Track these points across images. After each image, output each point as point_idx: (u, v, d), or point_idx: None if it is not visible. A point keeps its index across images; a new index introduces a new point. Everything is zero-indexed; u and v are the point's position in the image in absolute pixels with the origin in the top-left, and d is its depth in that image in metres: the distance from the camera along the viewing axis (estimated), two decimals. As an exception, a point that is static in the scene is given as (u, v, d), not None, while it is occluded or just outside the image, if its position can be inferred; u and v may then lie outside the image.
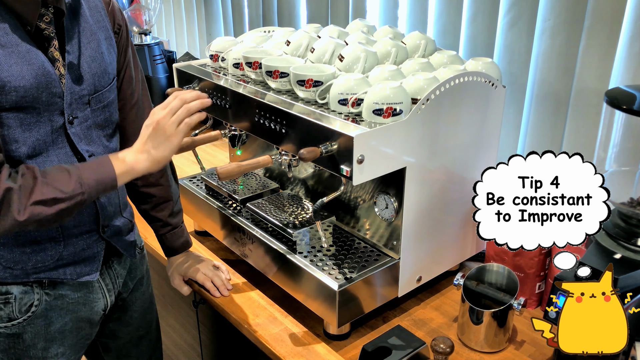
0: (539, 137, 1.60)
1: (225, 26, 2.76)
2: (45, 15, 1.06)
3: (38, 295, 1.18)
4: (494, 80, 1.34)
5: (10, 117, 1.02)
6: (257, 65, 1.42)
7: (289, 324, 1.37)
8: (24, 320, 1.18)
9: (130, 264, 1.38)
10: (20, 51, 1.02)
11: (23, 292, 1.17)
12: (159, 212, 1.43)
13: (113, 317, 1.39)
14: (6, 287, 1.16)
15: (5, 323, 1.17)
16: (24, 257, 1.14)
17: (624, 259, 1.12)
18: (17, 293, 1.17)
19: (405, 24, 1.87)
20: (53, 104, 1.07)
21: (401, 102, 1.17)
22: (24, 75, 1.01)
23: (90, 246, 1.22)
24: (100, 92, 1.16)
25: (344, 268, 1.30)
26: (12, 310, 1.17)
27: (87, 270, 1.22)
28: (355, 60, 1.34)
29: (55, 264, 1.17)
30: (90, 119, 1.16)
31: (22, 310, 1.18)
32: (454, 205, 1.39)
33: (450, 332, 1.34)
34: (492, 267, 1.35)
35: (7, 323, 1.17)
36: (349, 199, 1.44)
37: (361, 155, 1.11)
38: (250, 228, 1.48)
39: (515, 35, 1.58)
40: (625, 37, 1.36)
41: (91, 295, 1.27)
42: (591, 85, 1.45)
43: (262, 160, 1.30)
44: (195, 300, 1.63)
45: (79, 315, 1.26)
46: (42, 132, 1.07)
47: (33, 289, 1.18)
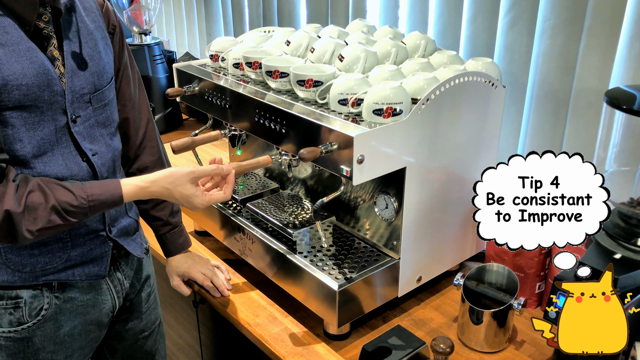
0: (539, 137, 1.60)
1: (225, 26, 2.76)
2: (43, 14, 1.06)
3: (48, 299, 1.18)
4: (494, 80, 1.34)
5: (14, 116, 1.02)
6: (257, 65, 1.42)
7: (289, 324, 1.37)
8: (34, 324, 1.18)
9: (137, 264, 1.38)
10: (20, 50, 1.02)
11: (33, 297, 1.17)
12: (159, 211, 1.43)
13: (120, 319, 1.39)
14: (16, 292, 1.15)
15: (15, 327, 1.17)
16: (32, 259, 1.14)
17: (624, 259, 1.12)
18: (27, 297, 1.16)
19: (405, 24, 1.87)
20: (55, 102, 1.07)
21: (401, 102, 1.17)
22: (25, 74, 1.02)
23: (97, 246, 1.22)
24: (100, 90, 1.17)
25: (344, 268, 1.30)
26: (22, 314, 1.16)
27: (95, 271, 1.22)
28: (355, 60, 1.34)
29: (63, 265, 1.17)
30: (93, 118, 1.16)
31: (32, 315, 1.17)
32: (454, 205, 1.39)
33: (450, 332, 1.34)
34: (492, 267, 1.35)
35: (17, 327, 1.17)
36: (349, 199, 1.44)
37: (361, 155, 1.11)
38: (250, 228, 1.48)
39: (516, 35, 1.58)
40: (625, 37, 1.36)
41: (100, 297, 1.27)
42: (591, 85, 1.45)
43: (262, 160, 1.30)
44: (195, 300, 1.63)
45: (88, 318, 1.26)
46: (46, 131, 1.07)
47: (43, 293, 1.18)
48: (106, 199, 1.08)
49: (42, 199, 1.02)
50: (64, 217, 1.04)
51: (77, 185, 1.06)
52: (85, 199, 1.05)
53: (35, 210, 1.01)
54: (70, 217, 1.05)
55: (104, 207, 1.09)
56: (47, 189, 1.03)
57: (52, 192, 1.03)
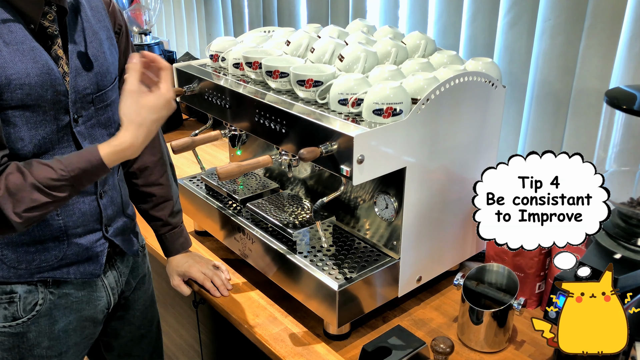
0: (539, 137, 1.60)
1: (225, 26, 2.76)
2: (48, 13, 1.06)
3: (42, 294, 1.19)
4: (494, 80, 1.34)
5: (16, 115, 1.02)
6: (257, 65, 1.42)
7: (289, 324, 1.37)
8: (28, 319, 1.18)
9: (133, 262, 1.39)
10: (25, 49, 1.02)
11: (27, 292, 1.17)
12: (159, 211, 1.43)
13: (116, 316, 1.40)
14: (10, 287, 1.16)
15: (10, 322, 1.17)
16: (28, 256, 1.14)
17: (624, 259, 1.12)
18: (21, 292, 1.17)
19: (405, 24, 1.87)
20: (58, 102, 1.07)
21: (401, 102, 1.17)
22: (28, 73, 1.02)
23: (94, 245, 1.22)
24: (104, 91, 1.17)
25: (344, 268, 1.30)
26: (16, 309, 1.17)
27: (91, 269, 1.23)
28: (355, 60, 1.34)
29: (59, 263, 1.18)
30: (94, 118, 1.16)
31: (27, 310, 1.18)
32: (454, 205, 1.39)
33: (450, 332, 1.34)
34: (492, 267, 1.35)
35: (12, 322, 1.17)
36: (349, 199, 1.44)
37: (361, 155, 1.11)
38: (250, 228, 1.48)
39: (516, 35, 1.58)
40: (625, 37, 1.36)
41: (95, 293, 1.27)
42: (591, 85, 1.45)
43: (262, 160, 1.30)
44: (195, 300, 1.63)
45: (83, 314, 1.26)
46: (47, 130, 1.07)
47: (37, 288, 1.18)
48: (85, 165, 1.01)
49: (20, 179, 0.98)
50: (48, 193, 1.00)
51: (56, 159, 1.02)
52: (64, 170, 1.01)
53: (17, 192, 0.98)
54: (55, 192, 1.00)
55: (88, 174, 1.02)
56: (24, 169, 1.00)
57: (30, 171, 1.00)
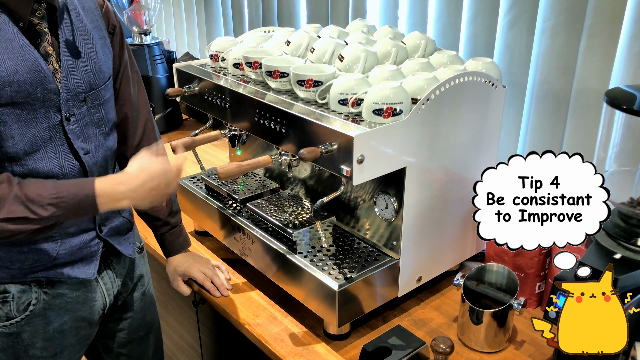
0: (539, 137, 1.60)
1: (225, 26, 2.76)
2: (37, 10, 1.06)
3: (36, 294, 1.18)
4: (494, 80, 1.34)
5: (6, 113, 1.03)
6: (257, 65, 1.42)
7: (289, 324, 1.37)
8: (22, 319, 1.18)
9: (130, 263, 1.38)
10: (14, 47, 1.02)
11: (21, 291, 1.17)
12: (158, 211, 1.43)
13: (113, 317, 1.39)
14: (4, 286, 1.16)
15: (4, 322, 1.17)
16: (21, 256, 1.14)
17: (624, 259, 1.12)
18: (15, 292, 1.17)
19: (405, 24, 1.87)
20: (49, 100, 1.07)
21: (401, 102, 1.17)
22: (17, 70, 1.02)
23: (87, 245, 1.22)
24: (96, 90, 1.17)
25: (344, 268, 1.30)
26: (10, 309, 1.17)
27: (84, 270, 1.22)
28: (355, 60, 1.34)
29: (52, 263, 1.17)
30: (87, 117, 1.16)
31: (20, 309, 1.17)
32: (454, 205, 1.39)
33: (450, 332, 1.34)
34: (492, 267, 1.35)
35: (6, 322, 1.17)
36: (349, 199, 1.44)
37: (361, 155, 1.11)
38: (250, 228, 1.48)
39: (516, 35, 1.58)
40: (625, 37, 1.36)
41: (90, 294, 1.27)
42: (591, 85, 1.45)
43: (262, 160, 1.30)
44: (195, 300, 1.63)
45: (78, 315, 1.26)
46: (38, 128, 1.07)
47: (31, 288, 1.18)
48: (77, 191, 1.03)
49: (5, 189, 1.00)
50: (29, 208, 1.00)
51: (54, 180, 1.05)
52: (55, 188, 1.02)
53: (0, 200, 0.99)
54: (36, 208, 1.00)
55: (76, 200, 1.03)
56: (14, 181, 1.01)
57: (21, 184, 1.01)
